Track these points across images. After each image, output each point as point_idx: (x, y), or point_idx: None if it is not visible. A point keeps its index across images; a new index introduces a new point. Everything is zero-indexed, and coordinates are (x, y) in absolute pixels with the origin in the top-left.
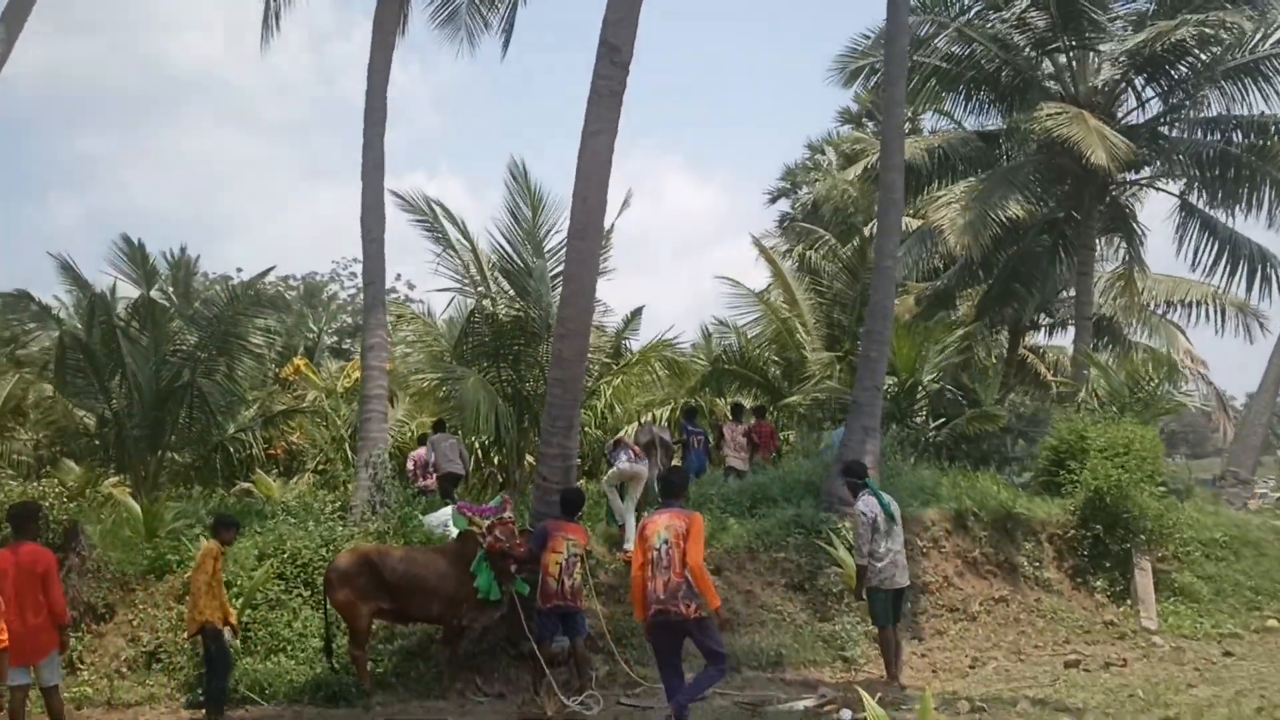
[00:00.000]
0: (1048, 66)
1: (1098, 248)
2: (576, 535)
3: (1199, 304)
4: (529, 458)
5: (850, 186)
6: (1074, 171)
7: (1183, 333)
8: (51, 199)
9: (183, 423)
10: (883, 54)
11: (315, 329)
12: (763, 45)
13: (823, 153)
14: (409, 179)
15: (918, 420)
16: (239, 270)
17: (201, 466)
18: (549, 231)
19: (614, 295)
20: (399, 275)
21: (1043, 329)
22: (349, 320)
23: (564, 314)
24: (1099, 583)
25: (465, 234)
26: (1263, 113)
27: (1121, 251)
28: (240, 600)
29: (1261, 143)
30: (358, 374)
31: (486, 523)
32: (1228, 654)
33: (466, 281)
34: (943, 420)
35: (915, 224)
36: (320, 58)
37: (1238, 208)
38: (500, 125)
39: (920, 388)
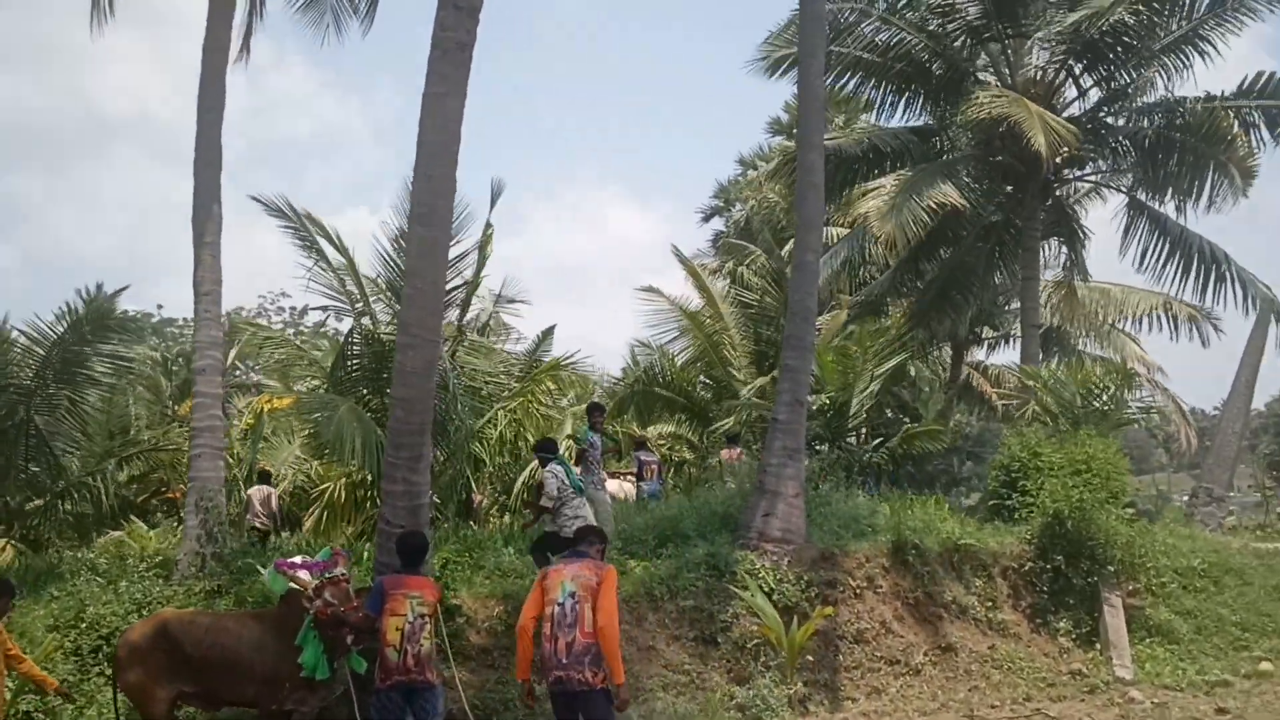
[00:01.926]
0: (983, 58)
1: (1041, 253)
2: (423, 591)
3: (1150, 313)
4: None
5: (778, 195)
6: (1014, 170)
7: (1135, 341)
8: None
9: (19, 465)
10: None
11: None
12: (698, 64)
13: (754, 167)
14: (349, 215)
15: (851, 441)
16: (159, 307)
17: (43, 515)
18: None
19: (560, 328)
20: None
21: (986, 344)
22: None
23: (407, 317)
24: (1062, 624)
25: (340, 247)
26: (1207, 93)
27: (1063, 257)
28: (14, 685)
29: (1206, 125)
30: (268, 406)
31: (314, 582)
32: (1222, 711)
33: (343, 298)
34: (880, 440)
35: (843, 232)
36: (255, 93)
37: (1187, 203)
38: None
39: (853, 405)
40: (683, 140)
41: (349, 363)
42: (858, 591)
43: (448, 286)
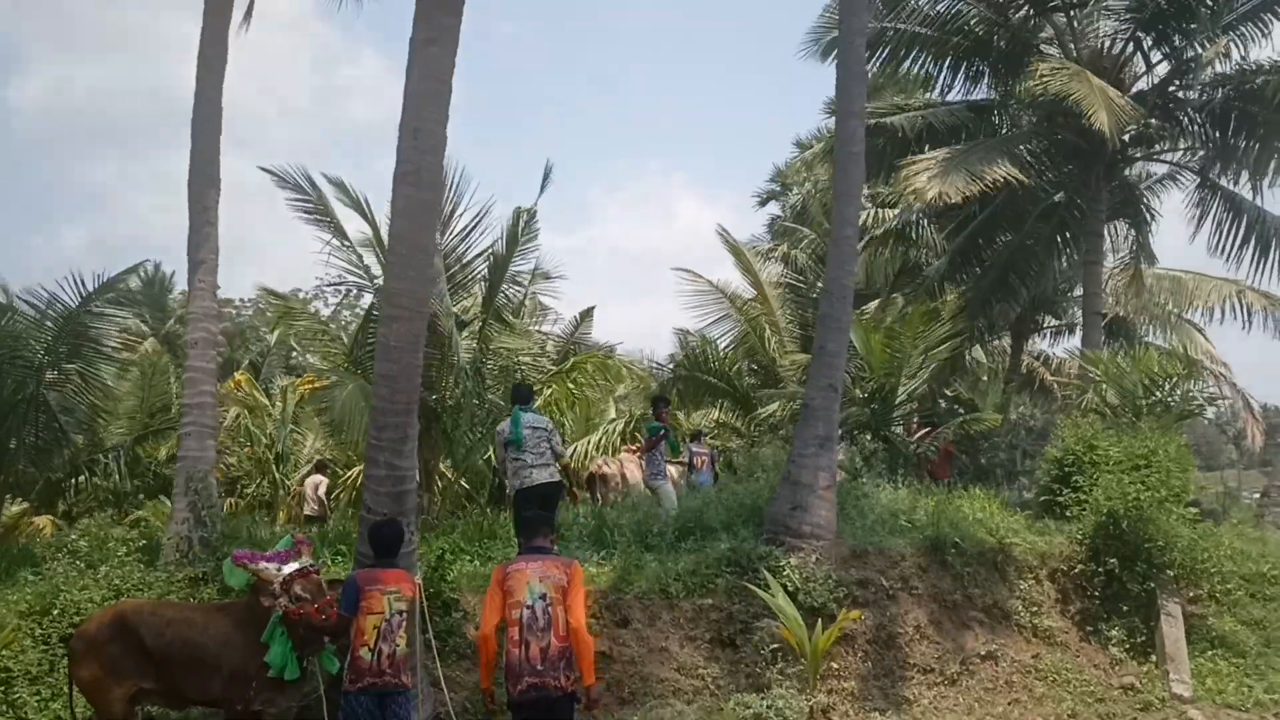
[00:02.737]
0: (1047, 30)
1: (1106, 236)
2: (400, 585)
3: (1222, 303)
4: (442, 479)
5: (828, 176)
6: (1078, 147)
7: (1202, 333)
8: (58, 226)
9: (31, 441)
10: (872, 22)
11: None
12: (759, 51)
13: (811, 148)
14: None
15: (898, 430)
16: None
17: (48, 491)
18: (455, 211)
19: (623, 318)
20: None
21: (1047, 333)
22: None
23: (392, 287)
24: (1115, 633)
25: (369, 217)
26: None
27: (1130, 240)
28: None
29: (1278, 94)
30: (307, 389)
31: (278, 575)
32: None
33: (361, 272)
34: (927, 430)
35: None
36: (327, 80)
37: (1262, 181)
38: (512, 143)
39: (899, 392)
40: (747, 128)
41: (366, 341)
42: (891, 593)
43: (468, 258)
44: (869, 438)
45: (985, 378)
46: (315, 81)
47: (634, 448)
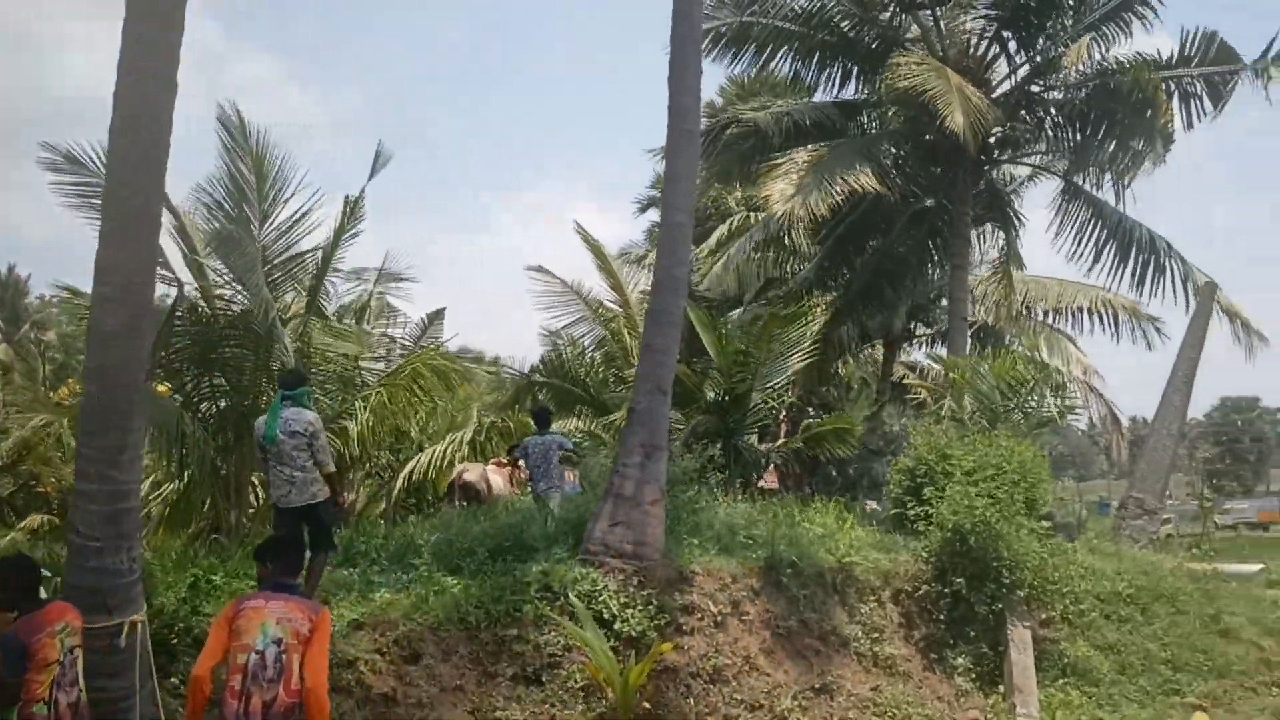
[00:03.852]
0: (914, 30)
1: (974, 242)
2: (66, 617)
3: (1089, 309)
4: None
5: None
6: (944, 148)
7: (1073, 343)
8: None
9: None
10: (735, 16)
11: None
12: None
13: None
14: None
15: (751, 438)
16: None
17: None
18: (276, 198)
19: (523, 326)
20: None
21: (922, 343)
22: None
23: (106, 261)
24: (961, 660)
25: (170, 207)
26: (1139, 55)
27: (1000, 243)
28: None
29: (1134, 93)
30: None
31: None
32: None
33: (164, 266)
34: (782, 439)
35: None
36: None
37: (1125, 185)
38: (410, 149)
39: (753, 398)
40: (647, 134)
41: (171, 342)
42: (719, 619)
43: (291, 252)
44: (719, 447)
45: (856, 387)
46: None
47: (501, 460)
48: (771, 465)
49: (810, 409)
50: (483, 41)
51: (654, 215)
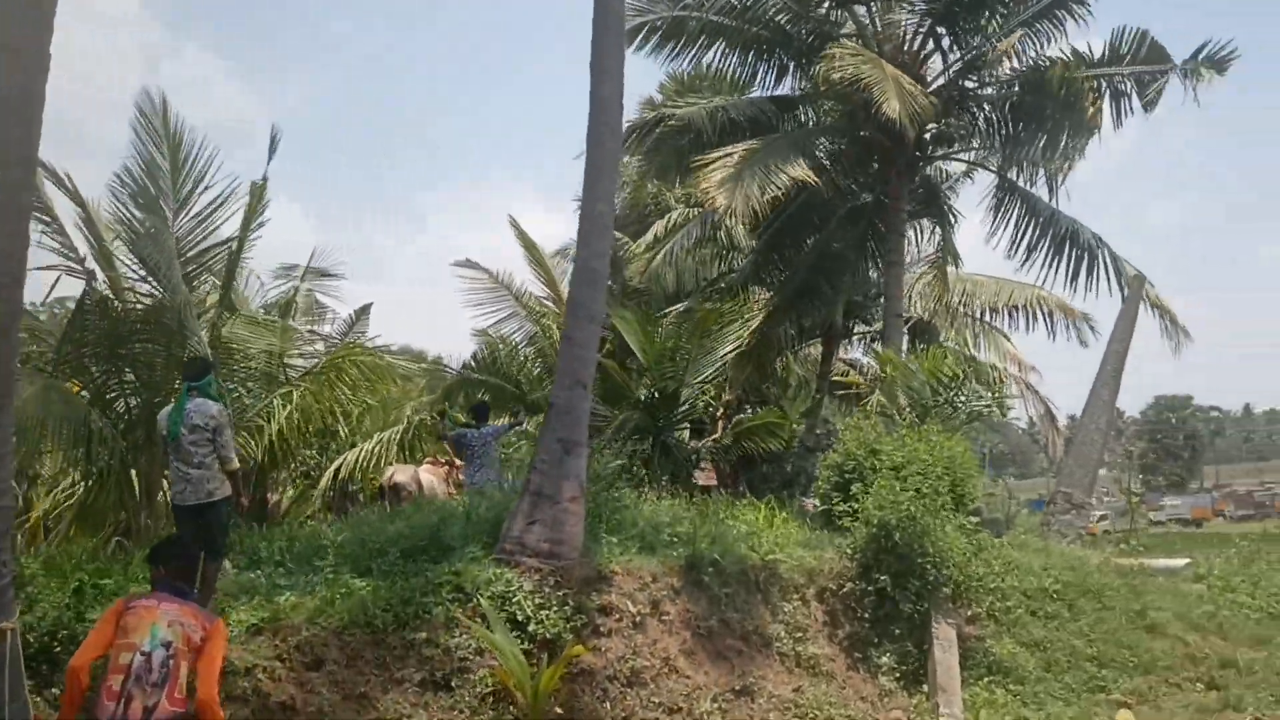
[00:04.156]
0: (850, 25)
1: (911, 236)
2: None
3: (1024, 307)
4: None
5: (634, 172)
6: (879, 144)
7: (1008, 339)
8: None
9: None
10: (670, 9)
11: None
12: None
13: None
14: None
15: (682, 435)
16: None
17: None
18: (193, 187)
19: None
20: None
21: (861, 340)
22: None
23: None
24: (885, 659)
25: (74, 194)
26: (1073, 49)
27: (936, 238)
28: None
29: (1062, 90)
30: None
31: None
32: None
33: (73, 258)
34: (714, 435)
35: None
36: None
37: (1058, 181)
38: (353, 149)
39: (683, 394)
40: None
41: (77, 336)
42: (638, 620)
43: (202, 245)
44: (648, 443)
45: (794, 384)
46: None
47: (438, 459)
48: (710, 462)
49: (749, 406)
50: (427, 42)
51: None
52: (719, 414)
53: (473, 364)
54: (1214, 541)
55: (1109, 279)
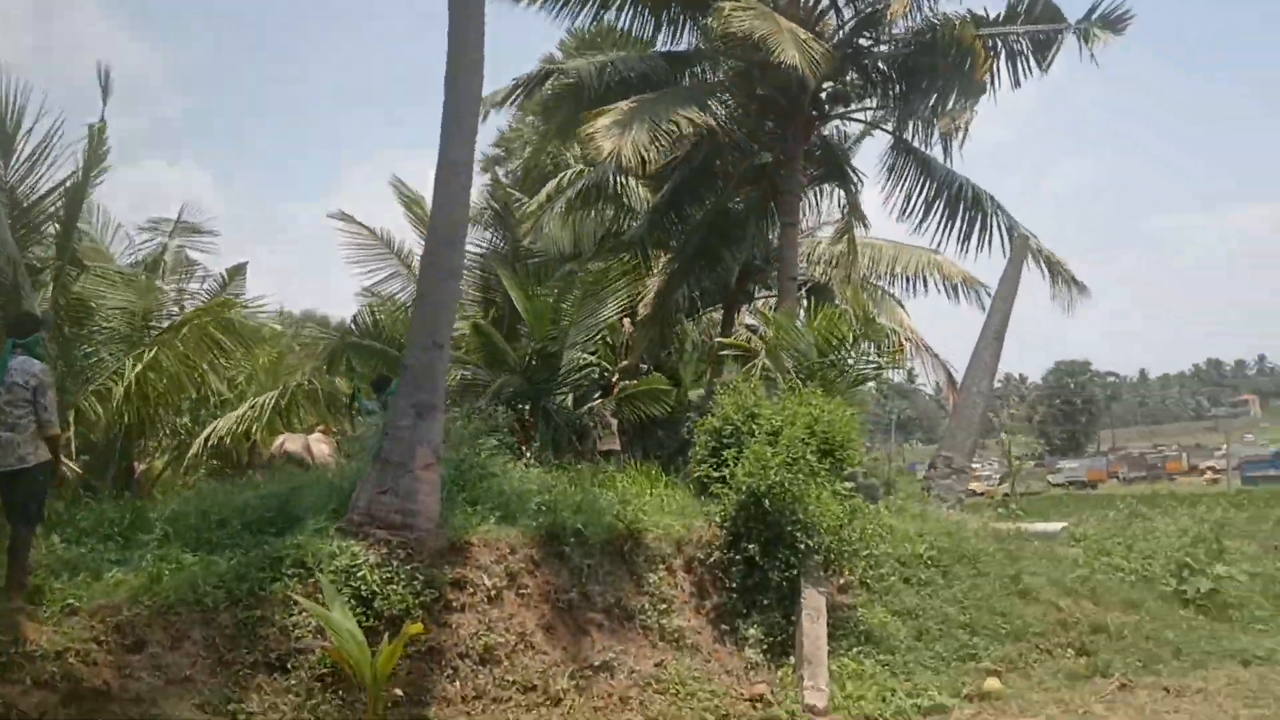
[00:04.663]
0: None
1: (813, 200)
2: None
3: (923, 274)
4: None
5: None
6: (776, 102)
7: (902, 306)
8: None
9: None
10: None
11: None
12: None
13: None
14: (147, 166)
15: (562, 399)
16: None
17: None
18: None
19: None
20: None
21: (762, 305)
22: None
23: None
24: (753, 631)
25: None
26: (970, 12)
27: (841, 201)
28: None
29: (953, 48)
30: None
31: None
32: None
33: None
34: (594, 401)
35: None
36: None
37: (952, 142)
38: (262, 108)
39: (565, 357)
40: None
41: None
42: (494, 594)
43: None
44: (527, 408)
45: (690, 349)
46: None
47: (330, 427)
48: (618, 429)
49: (646, 370)
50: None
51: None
52: (614, 379)
53: (353, 327)
54: (1105, 503)
55: (1002, 239)
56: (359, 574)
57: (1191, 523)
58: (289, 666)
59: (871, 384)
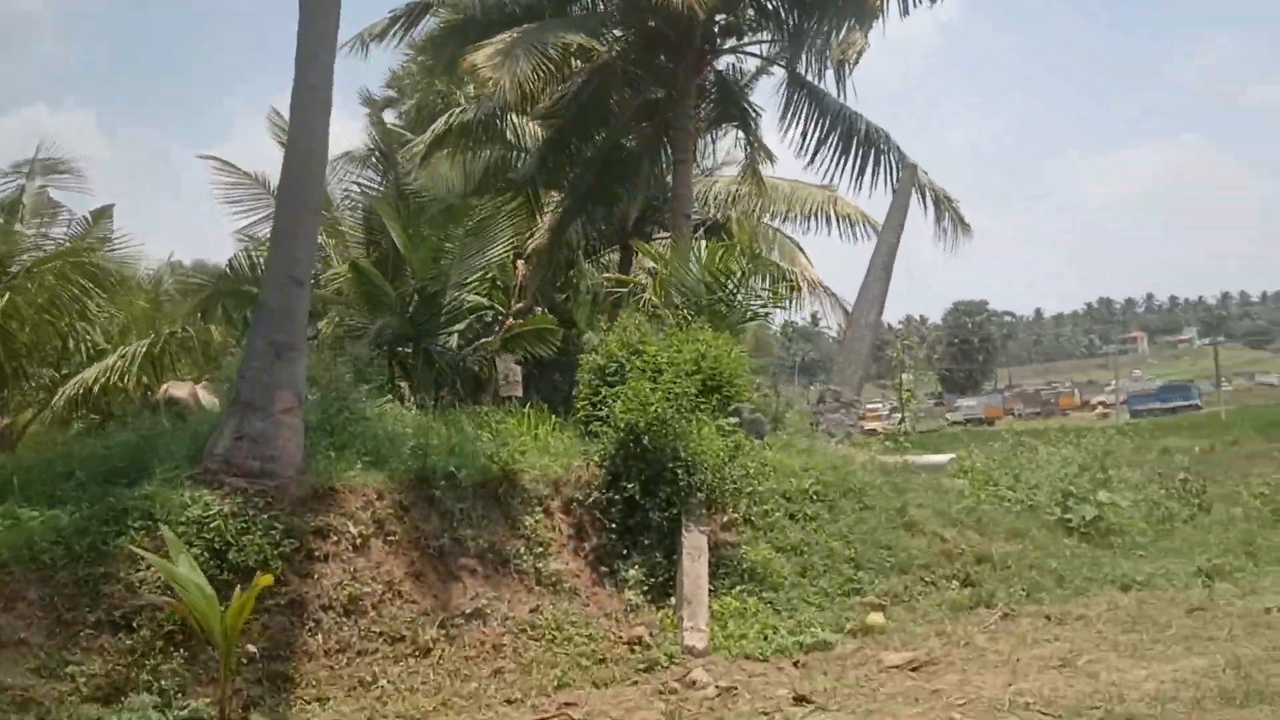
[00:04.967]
0: None
1: (712, 140)
2: None
3: (820, 213)
4: None
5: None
6: (665, 37)
7: (802, 250)
8: None
9: None
10: None
11: None
12: None
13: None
14: (25, 113)
15: (447, 341)
16: None
17: None
18: None
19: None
20: None
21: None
22: None
23: None
24: (633, 573)
25: None
26: None
27: (739, 139)
28: None
29: None
30: None
31: None
32: (801, 700)
33: None
34: (484, 342)
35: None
36: None
37: (846, 73)
38: (148, 50)
39: (447, 296)
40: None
41: None
42: (359, 542)
43: None
44: (408, 350)
45: (584, 290)
46: None
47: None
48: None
49: (541, 313)
50: None
51: (390, 117)
52: (507, 321)
53: (229, 271)
54: (998, 439)
55: (894, 176)
56: (212, 524)
57: (1076, 452)
58: (134, 625)
59: (776, 329)
